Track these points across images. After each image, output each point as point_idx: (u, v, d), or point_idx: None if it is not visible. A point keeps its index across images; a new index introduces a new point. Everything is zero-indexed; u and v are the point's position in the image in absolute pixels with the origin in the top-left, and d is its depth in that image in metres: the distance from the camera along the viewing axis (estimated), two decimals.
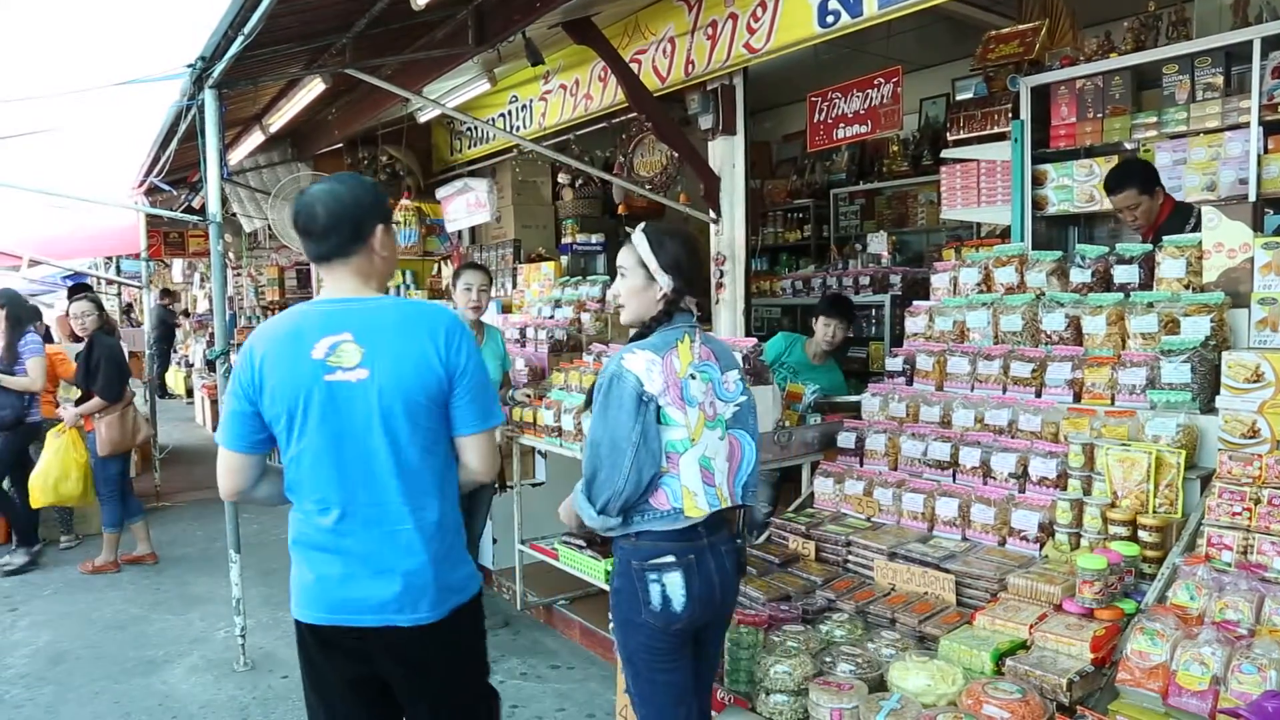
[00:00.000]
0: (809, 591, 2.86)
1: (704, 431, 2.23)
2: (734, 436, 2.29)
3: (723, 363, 2.32)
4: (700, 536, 2.21)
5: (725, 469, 2.26)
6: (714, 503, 2.22)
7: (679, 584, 2.18)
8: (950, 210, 4.77)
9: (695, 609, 2.19)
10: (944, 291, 3.70)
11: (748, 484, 2.31)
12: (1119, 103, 3.99)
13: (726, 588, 2.25)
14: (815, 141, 5.35)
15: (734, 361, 2.36)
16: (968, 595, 2.64)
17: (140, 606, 5.06)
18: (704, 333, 2.32)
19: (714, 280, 5.78)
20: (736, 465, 2.29)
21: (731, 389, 2.31)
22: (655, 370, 2.18)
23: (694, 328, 2.29)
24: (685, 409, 2.19)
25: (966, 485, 3.03)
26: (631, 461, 2.14)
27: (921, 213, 7.49)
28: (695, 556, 2.19)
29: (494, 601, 4.96)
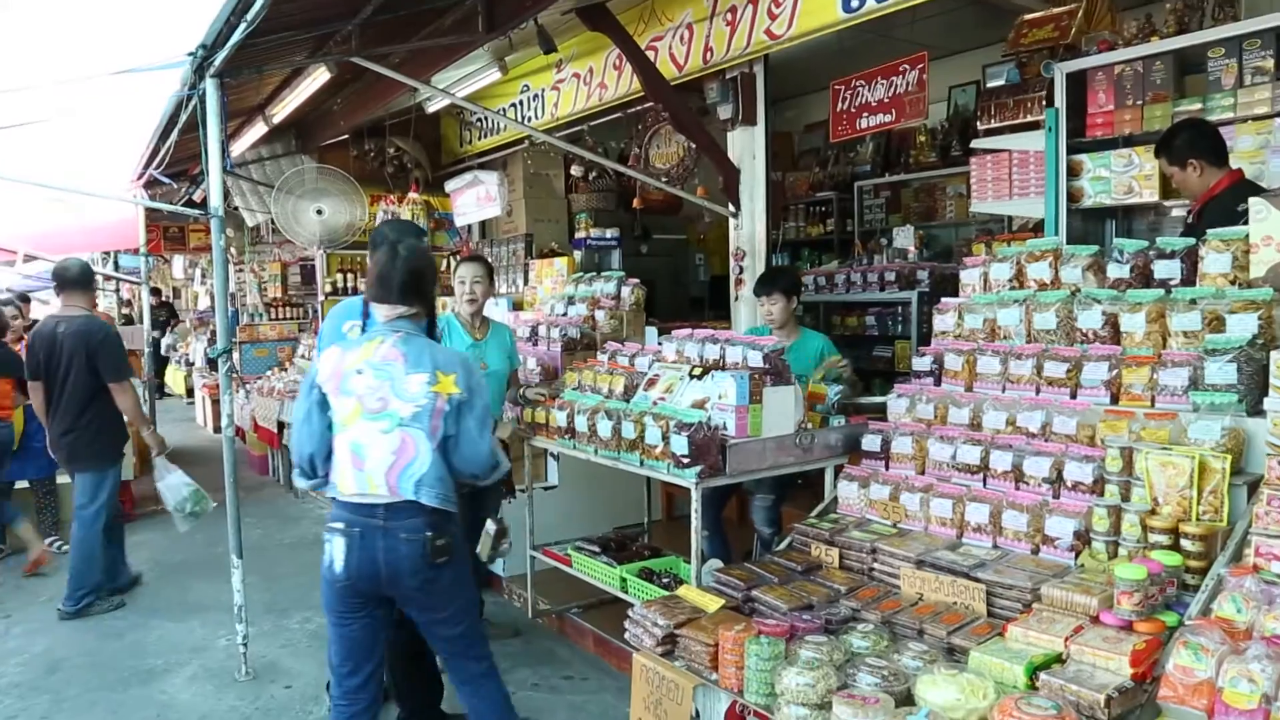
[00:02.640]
0: (832, 600, 2.85)
1: (358, 421, 2.68)
2: (408, 434, 2.65)
3: (411, 365, 2.68)
4: (376, 515, 2.66)
5: (387, 461, 2.65)
6: (362, 488, 2.66)
7: (340, 550, 2.67)
8: (980, 203, 4.74)
9: (354, 577, 2.67)
10: (974, 288, 3.68)
11: (421, 481, 2.65)
12: (1160, 89, 3.95)
13: (396, 569, 2.66)
14: (839, 132, 5.33)
15: (430, 365, 2.68)
16: (999, 606, 2.62)
17: (138, 614, 5.10)
18: (418, 338, 2.73)
19: (733, 276, 5.78)
20: (404, 461, 2.65)
21: (414, 390, 2.65)
22: (330, 362, 2.74)
23: (395, 332, 2.72)
24: (340, 398, 2.70)
25: (998, 490, 3.01)
26: (298, 434, 2.78)
27: (950, 206, 7.45)
28: (361, 531, 2.66)
29: (505, 609, 4.96)
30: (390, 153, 8.54)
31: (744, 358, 3.66)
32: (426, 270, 2.84)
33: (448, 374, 2.69)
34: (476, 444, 2.73)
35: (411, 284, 2.75)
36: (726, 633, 2.58)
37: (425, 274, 2.82)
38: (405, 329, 2.74)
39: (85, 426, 5.03)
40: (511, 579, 5.13)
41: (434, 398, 2.65)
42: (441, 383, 2.67)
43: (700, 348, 3.92)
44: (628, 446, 3.66)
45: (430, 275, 2.85)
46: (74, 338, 4.98)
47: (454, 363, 2.74)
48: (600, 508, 5.24)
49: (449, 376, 2.68)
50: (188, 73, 4.22)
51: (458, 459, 2.73)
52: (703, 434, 3.31)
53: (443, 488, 2.70)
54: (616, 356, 4.52)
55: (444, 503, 2.71)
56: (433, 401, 2.65)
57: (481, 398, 2.75)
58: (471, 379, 2.74)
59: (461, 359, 2.79)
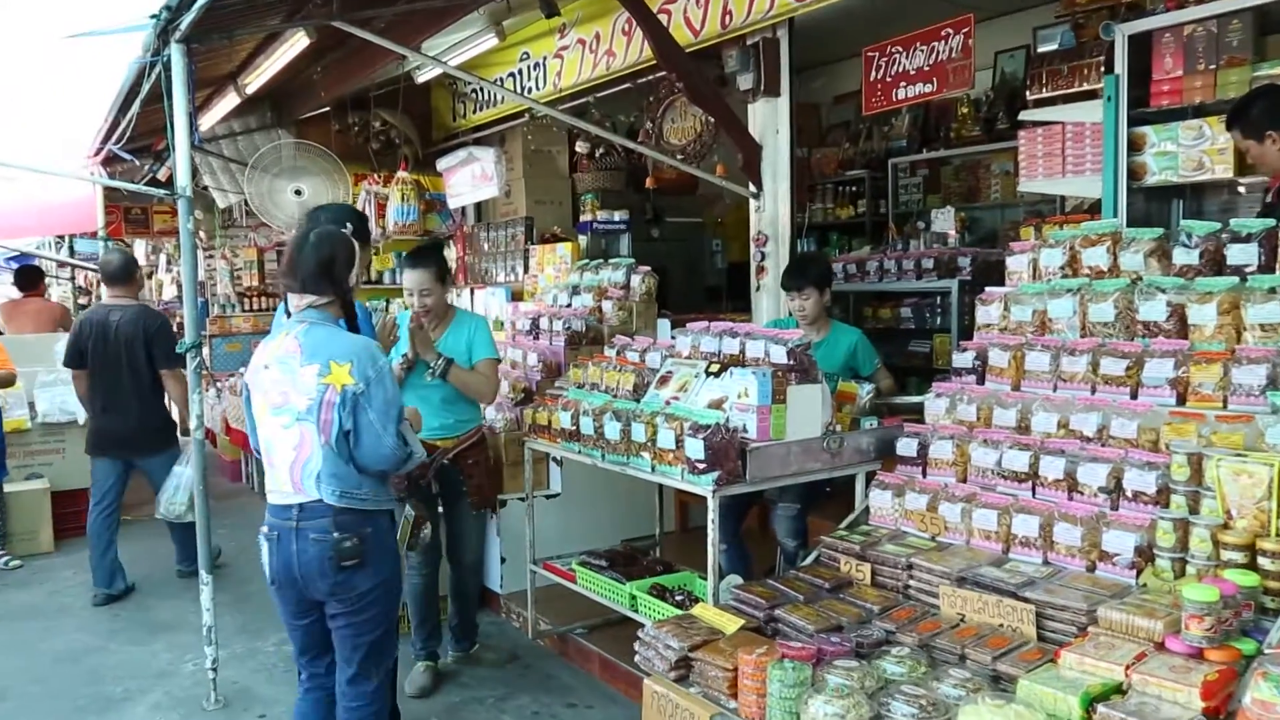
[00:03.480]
0: (864, 621, 2.84)
1: (266, 417, 2.90)
2: (305, 429, 2.82)
3: (306, 357, 2.82)
4: (290, 516, 2.86)
5: (289, 458, 2.85)
6: (275, 486, 2.90)
7: (265, 554, 2.93)
8: (1030, 182, 4.70)
9: (278, 582, 2.92)
10: (1022, 276, 3.65)
11: (319, 477, 2.81)
12: (1237, 51, 3.89)
13: (307, 573, 2.85)
14: (872, 104, 5.30)
15: (325, 355, 2.80)
16: (1050, 629, 2.61)
17: (96, 635, 5.11)
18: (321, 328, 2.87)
19: (754, 263, 5.76)
20: (303, 457, 2.83)
21: (307, 383, 2.80)
22: (254, 357, 2.99)
23: (301, 323, 2.88)
24: (255, 395, 2.95)
25: (1049, 500, 3.00)
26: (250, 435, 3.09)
27: (995, 185, 7.42)
28: (280, 534, 2.88)
29: (502, 629, 4.97)
30: (376, 127, 8.54)
31: (766, 353, 3.65)
32: (337, 257, 2.95)
33: (342, 364, 2.80)
34: (378, 438, 2.82)
35: (318, 272, 2.91)
36: (746, 656, 2.56)
37: (334, 261, 2.94)
38: (311, 319, 2.90)
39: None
40: (510, 596, 5.13)
41: (323, 389, 2.79)
42: (333, 373, 2.80)
43: (718, 342, 3.91)
44: (638, 450, 3.65)
45: (343, 262, 2.97)
46: (131, 325, 5.49)
47: (350, 351, 2.84)
48: (607, 518, 5.24)
49: (343, 366, 2.80)
50: (150, 37, 4.22)
51: (359, 454, 2.84)
52: (720, 437, 3.30)
53: (343, 484, 2.83)
54: (625, 352, 4.51)
55: (350, 500, 2.84)
56: (322, 394, 2.79)
57: (383, 388, 2.83)
58: (370, 369, 2.83)
59: (363, 348, 2.88)
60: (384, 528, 2.97)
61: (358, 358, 2.83)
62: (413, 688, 4.29)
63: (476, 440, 4.35)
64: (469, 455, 4.31)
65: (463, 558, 4.44)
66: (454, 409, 4.24)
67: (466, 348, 4.26)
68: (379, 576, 2.94)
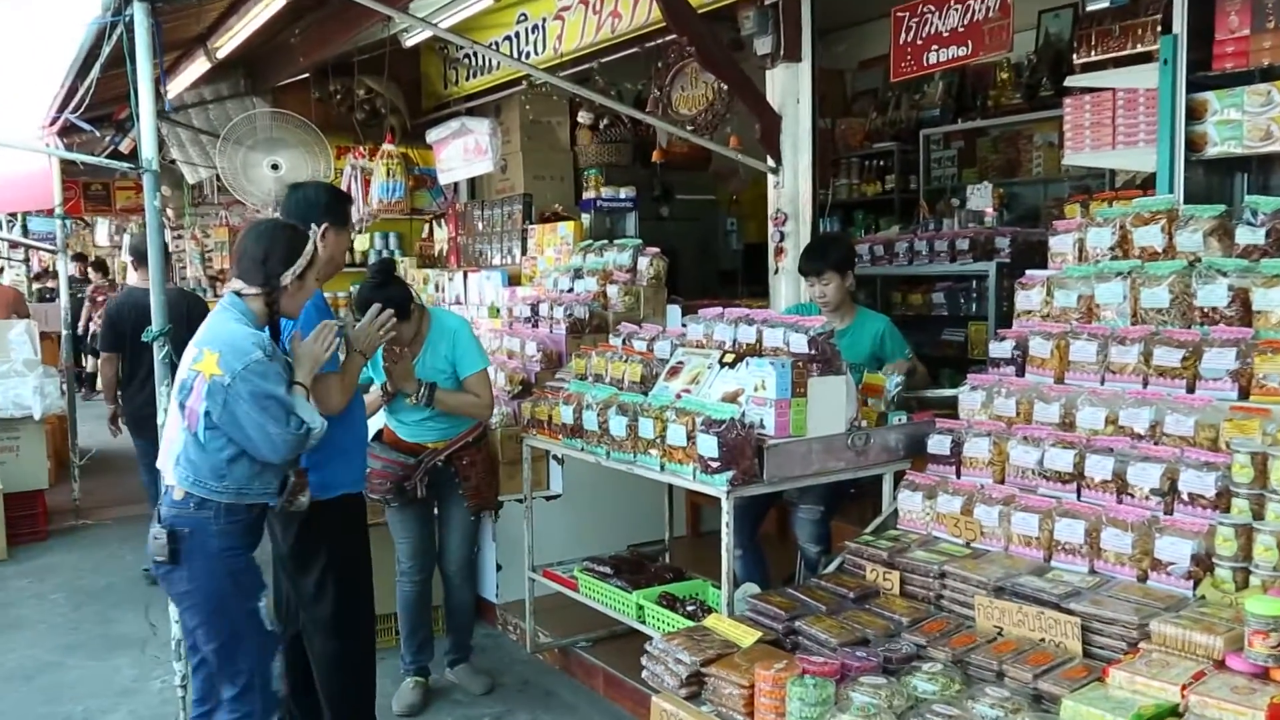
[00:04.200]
0: (892, 634, 2.84)
1: (175, 394, 3.12)
2: (180, 409, 3.07)
3: (197, 340, 3.09)
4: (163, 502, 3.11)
5: (170, 436, 3.10)
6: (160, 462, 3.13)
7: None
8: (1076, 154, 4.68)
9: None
10: (1067, 258, 3.65)
11: (178, 459, 3.03)
12: None
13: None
14: (901, 69, 5.27)
15: (204, 341, 3.04)
16: (1098, 644, 2.61)
17: (52, 650, 5.12)
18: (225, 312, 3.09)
19: (772, 244, 5.75)
20: (173, 436, 3.09)
21: (187, 364, 3.06)
22: None
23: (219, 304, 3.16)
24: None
25: (1095, 503, 2.99)
26: None
27: (1037, 158, 7.38)
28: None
29: (498, 643, 4.97)
30: (360, 95, 8.51)
31: (785, 342, 3.64)
32: (271, 254, 3.12)
33: (213, 352, 3.00)
34: (262, 429, 2.98)
35: (249, 263, 3.13)
36: (764, 672, 2.56)
37: (269, 258, 3.11)
38: (225, 303, 3.14)
39: None
40: (506, 607, 5.14)
41: (193, 375, 3.02)
42: (204, 360, 3.00)
43: (733, 330, 3.91)
44: (645, 448, 3.65)
45: (278, 259, 3.12)
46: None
47: (223, 342, 3.03)
48: (612, 521, 5.25)
49: (212, 356, 3.00)
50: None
51: (252, 450, 3.02)
52: (736, 433, 3.30)
53: (195, 471, 3.02)
54: (632, 340, 4.51)
55: (195, 487, 3.02)
56: (192, 379, 3.02)
57: (249, 384, 2.96)
58: (236, 362, 2.96)
59: (237, 340, 3.02)
60: (211, 530, 3.03)
61: (226, 349, 3.00)
62: (400, 705, 4.30)
63: (473, 438, 4.34)
64: (464, 454, 4.30)
65: (449, 566, 4.45)
66: (439, 420, 4.23)
67: (449, 361, 4.17)
68: (193, 582, 3.06)
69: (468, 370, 4.21)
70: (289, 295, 3.18)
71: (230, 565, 3.08)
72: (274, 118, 7.57)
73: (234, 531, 3.08)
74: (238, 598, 3.10)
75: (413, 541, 4.38)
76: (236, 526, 3.08)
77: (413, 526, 4.36)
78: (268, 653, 3.19)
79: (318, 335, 3.24)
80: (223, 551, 3.06)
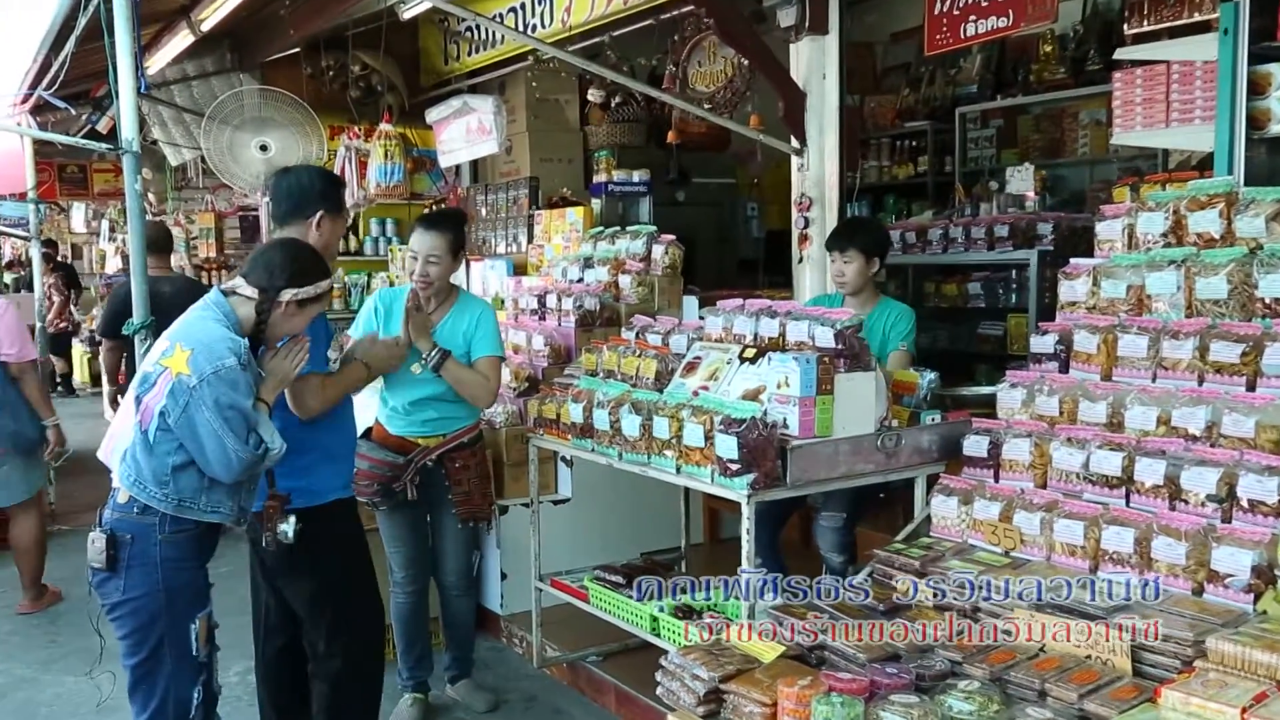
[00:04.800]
0: (924, 650, 2.83)
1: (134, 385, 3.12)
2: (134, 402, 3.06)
3: (171, 334, 3.10)
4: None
5: (119, 427, 3.12)
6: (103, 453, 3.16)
7: None
8: (1126, 133, 4.66)
9: None
10: (1114, 245, 3.63)
11: (125, 456, 3.03)
12: None
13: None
14: (936, 42, 5.25)
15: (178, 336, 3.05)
16: (1149, 662, 2.59)
17: (27, 665, 5.15)
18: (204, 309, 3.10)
19: (796, 231, 5.74)
20: (121, 429, 3.09)
21: (154, 357, 3.07)
22: None
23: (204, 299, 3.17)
24: None
25: (1146, 510, 2.98)
26: None
27: (1084, 137, 7.36)
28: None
29: (503, 656, 4.98)
30: (355, 72, 8.53)
31: (810, 336, 3.64)
32: (285, 264, 3.15)
33: (186, 349, 2.99)
34: (219, 442, 2.94)
35: (259, 263, 3.16)
36: (787, 689, 2.55)
37: (280, 265, 3.14)
38: (210, 299, 3.16)
39: None
40: (512, 618, 5.15)
41: (160, 371, 3.00)
42: (174, 356, 2.99)
43: (754, 323, 3.90)
44: (660, 449, 3.65)
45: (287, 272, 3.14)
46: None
47: (197, 340, 3.01)
48: (625, 527, 5.26)
49: (184, 353, 2.98)
50: None
51: (202, 460, 2.99)
52: (757, 433, 3.30)
53: (137, 471, 2.99)
54: (646, 334, 4.52)
55: (136, 489, 2.99)
56: (157, 373, 3.00)
57: (215, 390, 2.94)
58: (208, 365, 2.95)
59: (212, 341, 3.00)
60: (154, 539, 3.01)
61: (199, 348, 2.98)
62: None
63: (469, 440, 4.35)
64: (457, 457, 4.29)
65: (444, 577, 4.46)
66: (445, 405, 4.23)
67: (466, 340, 4.23)
68: (131, 592, 3.02)
69: (484, 351, 4.25)
70: (281, 315, 3.14)
71: (171, 580, 3.04)
72: (262, 95, 7.59)
73: (180, 542, 3.05)
74: (170, 616, 3.06)
75: (405, 549, 4.37)
76: (183, 537, 3.05)
77: (404, 533, 4.35)
78: (188, 680, 3.13)
79: (289, 352, 3.21)
80: (165, 563, 3.02)
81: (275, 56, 8.28)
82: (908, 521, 3.67)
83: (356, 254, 8.94)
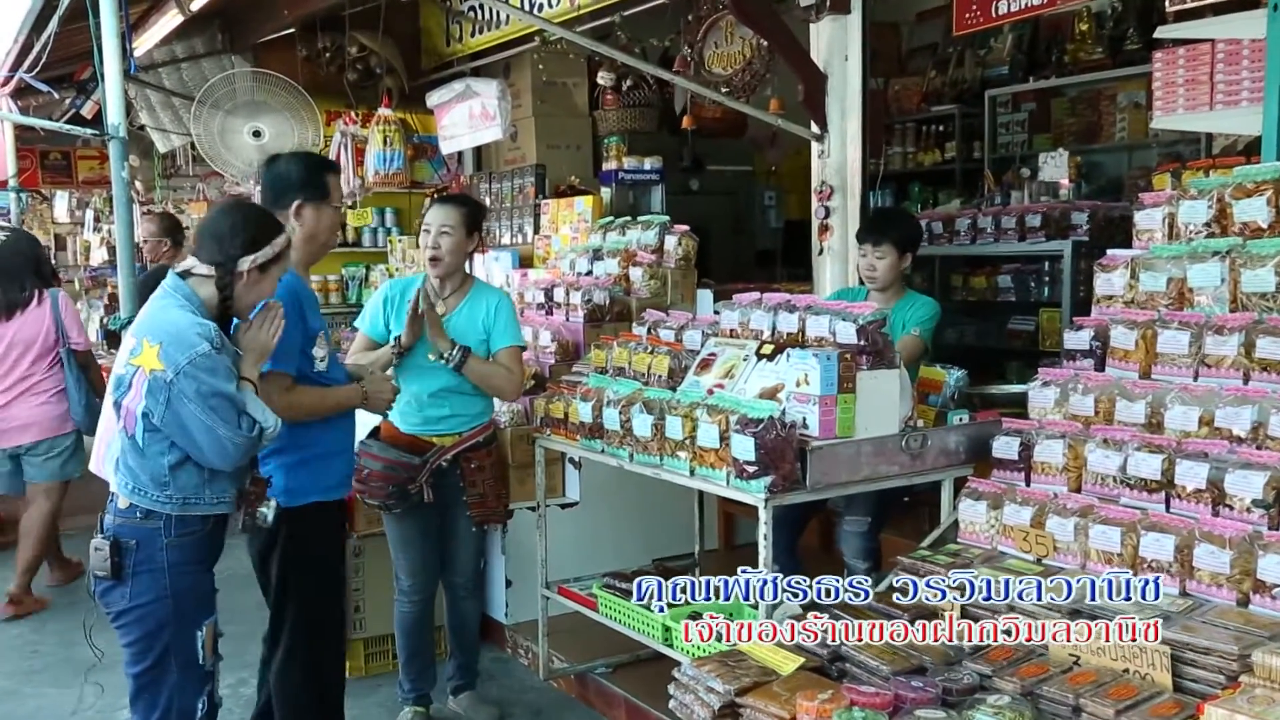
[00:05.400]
0: (952, 662, 2.82)
1: (110, 389, 3.12)
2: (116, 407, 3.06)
3: (135, 329, 3.09)
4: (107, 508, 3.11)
5: (106, 435, 3.17)
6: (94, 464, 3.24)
7: None
8: (1167, 116, 4.64)
9: None
10: (1154, 235, 3.62)
11: (118, 465, 3.06)
12: None
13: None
14: (965, 21, 5.24)
15: (144, 330, 3.02)
16: (1191, 676, 2.58)
17: (8, 677, 5.16)
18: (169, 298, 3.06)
19: (816, 221, 5.73)
20: (108, 437, 3.14)
21: (124, 357, 3.06)
22: None
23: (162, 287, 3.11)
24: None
25: (1187, 516, 2.96)
26: None
27: (1121, 121, 7.36)
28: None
29: (507, 668, 4.99)
30: (352, 53, 8.54)
31: (831, 331, 3.63)
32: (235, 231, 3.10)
33: (153, 344, 2.97)
34: (210, 432, 2.95)
35: (207, 237, 3.13)
36: (807, 703, 2.55)
37: (230, 233, 3.10)
38: (168, 286, 3.11)
39: None
40: (517, 628, 5.16)
41: (132, 370, 3.00)
42: (143, 353, 2.98)
43: (771, 318, 3.90)
44: (673, 450, 3.65)
45: (240, 240, 3.09)
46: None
47: (165, 331, 2.99)
48: (635, 532, 5.27)
49: (153, 348, 2.97)
50: None
51: (198, 455, 3.00)
52: (775, 434, 3.29)
53: (134, 478, 3.02)
54: (659, 329, 4.52)
55: (137, 495, 3.02)
56: (130, 374, 3.00)
57: (194, 380, 2.93)
58: (180, 356, 2.94)
59: (181, 330, 2.98)
60: (160, 544, 3.02)
61: (168, 340, 2.97)
62: None
63: (484, 440, 4.35)
64: (473, 457, 4.29)
65: (454, 577, 4.45)
66: (460, 399, 4.24)
67: (485, 329, 4.25)
68: (138, 599, 3.03)
69: (505, 341, 4.29)
70: (245, 285, 3.11)
71: (178, 584, 3.06)
72: (255, 79, 7.61)
73: (186, 545, 3.07)
74: (178, 623, 3.08)
75: (414, 557, 4.36)
76: (190, 539, 3.07)
77: (414, 537, 4.34)
78: (193, 690, 3.14)
79: (263, 320, 3.18)
80: (172, 567, 3.04)
81: (269, 37, 8.29)
82: (933, 527, 3.66)
83: (355, 245, 8.95)
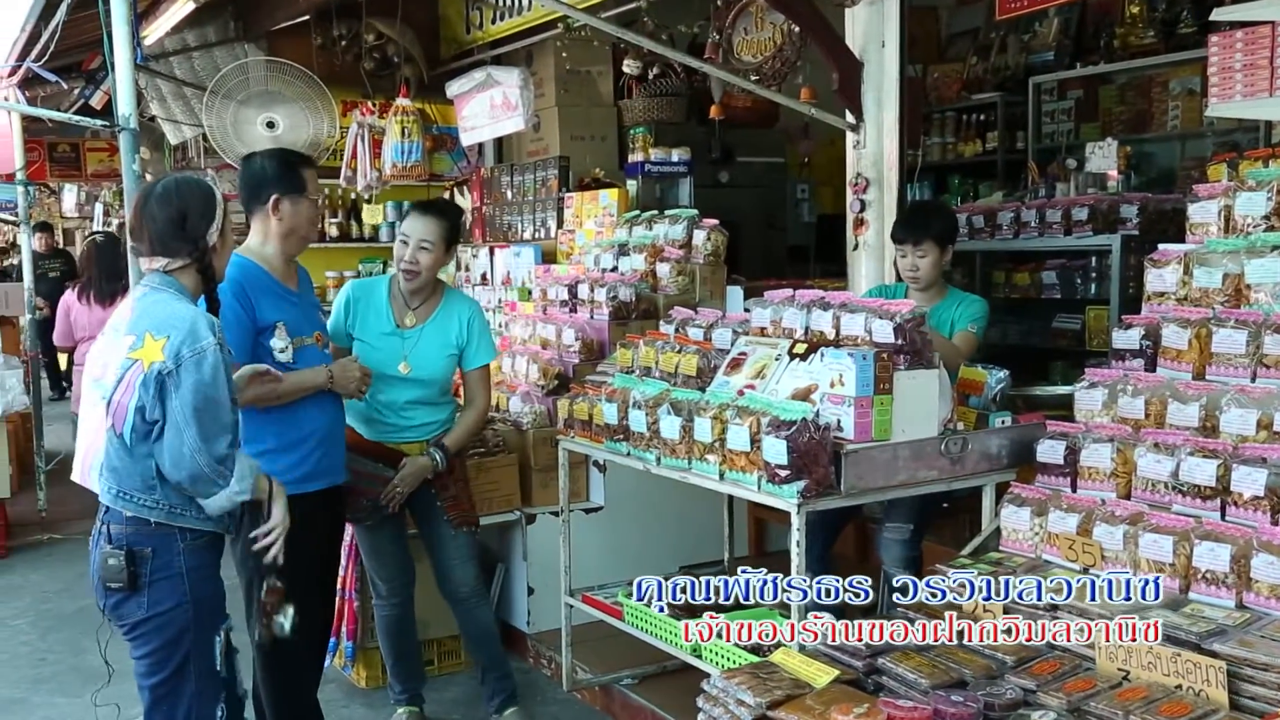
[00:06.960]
0: (994, 676, 2.83)
1: (87, 391, 3.09)
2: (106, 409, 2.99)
3: (129, 326, 3.02)
4: (98, 514, 3.08)
5: (87, 441, 3.07)
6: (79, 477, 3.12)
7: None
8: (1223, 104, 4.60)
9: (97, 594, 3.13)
10: (1209, 229, 3.62)
11: (102, 469, 3.01)
12: None
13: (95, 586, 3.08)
14: (1008, 5, 5.21)
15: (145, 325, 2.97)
16: (1248, 692, 2.57)
17: (15, 686, 5.21)
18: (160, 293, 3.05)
19: (851, 215, 5.72)
20: (96, 444, 3.03)
21: (120, 355, 3.00)
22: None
23: (144, 287, 3.11)
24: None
25: (1244, 524, 2.96)
26: None
27: (1174, 109, 7.29)
28: (93, 536, 3.11)
29: (530, 679, 5.00)
30: (369, 41, 8.57)
31: (867, 330, 3.63)
32: (189, 211, 3.12)
33: (159, 337, 2.95)
34: (178, 434, 2.92)
35: (164, 231, 3.10)
36: (841, 717, 2.56)
37: (185, 217, 3.11)
38: (154, 283, 3.10)
39: None
40: (539, 637, 5.18)
41: (129, 365, 2.95)
42: (145, 347, 2.95)
43: (804, 316, 3.90)
44: (702, 453, 3.66)
45: (197, 216, 3.14)
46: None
47: (172, 323, 2.98)
48: (662, 539, 5.28)
49: (158, 341, 2.95)
50: None
51: (158, 452, 2.96)
52: (808, 437, 3.29)
53: (120, 481, 2.99)
54: (687, 327, 4.53)
55: (129, 505, 2.99)
56: (126, 369, 2.96)
57: (196, 374, 2.93)
58: (187, 347, 2.94)
59: (190, 320, 3.00)
60: (177, 549, 3.04)
61: (176, 330, 2.96)
62: None
63: None
64: None
65: (455, 591, 4.40)
66: (427, 409, 4.29)
67: (456, 343, 4.27)
68: (156, 607, 3.03)
69: (478, 361, 4.33)
70: (218, 255, 3.22)
71: (198, 590, 3.07)
72: (269, 68, 7.64)
73: (203, 549, 3.08)
74: (197, 629, 3.09)
75: (389, 564, 4.40)
76: (204, 543, 3.09)
77: (385, 546, 4.37)
78: (211, 698, 3.17)
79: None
80: (191, 573, 3.05)
81: (283, 25, 8.32)
82: (974, 534, 3.66)
83: (371, 240, 8.99)
